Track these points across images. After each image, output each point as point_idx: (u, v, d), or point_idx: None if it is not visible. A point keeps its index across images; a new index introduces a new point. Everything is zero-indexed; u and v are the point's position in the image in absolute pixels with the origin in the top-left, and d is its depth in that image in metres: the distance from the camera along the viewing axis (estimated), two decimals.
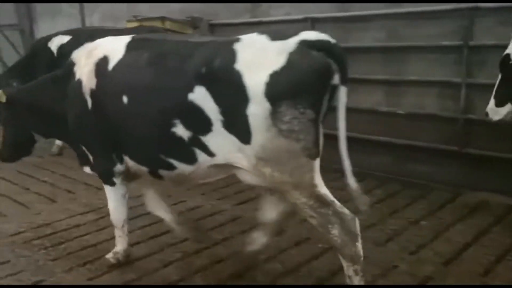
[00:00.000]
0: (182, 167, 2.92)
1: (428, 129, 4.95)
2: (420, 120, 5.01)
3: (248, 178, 2.80)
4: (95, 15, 9.59)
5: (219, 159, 2.76)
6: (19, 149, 3.87)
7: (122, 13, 8.94)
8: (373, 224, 4.15)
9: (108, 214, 4.46)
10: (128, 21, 7.13)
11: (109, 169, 3.32)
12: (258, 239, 3.32)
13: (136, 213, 4.55)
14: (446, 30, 4.69)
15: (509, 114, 3.58)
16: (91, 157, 3.40)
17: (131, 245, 3.71)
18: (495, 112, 3.61)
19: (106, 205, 4.67)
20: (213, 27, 6.78)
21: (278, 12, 6.06)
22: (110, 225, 4.25)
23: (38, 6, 10.91)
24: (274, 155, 2.55)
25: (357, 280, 2.69)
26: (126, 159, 3.22)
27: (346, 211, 2.67)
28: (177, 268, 3.52)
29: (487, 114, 3.67)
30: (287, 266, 3.50)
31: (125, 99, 2.93)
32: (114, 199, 3.50)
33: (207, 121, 2.64)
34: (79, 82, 3.21)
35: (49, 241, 4.04)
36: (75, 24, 9.90)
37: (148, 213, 4.51)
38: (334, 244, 2.68)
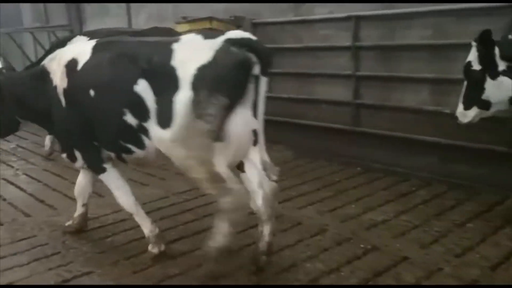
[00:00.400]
0: (137, 151, 3.35)
1: (475, 129, 4.79)
2: None
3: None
4: (141, 16, 9.81)
5: (155, 141, 3.19)
6: (6, 128, 4.23)
7: (167, 13, 9.12)
8: (417, 225, 4.08)
9: (152, 210, 4.63)
10: (177, 22, 7.26)
11: (97, 158, 3.66)
12: (263, 233, 3.46)
13: (179, 209, 4.65)
14: (494, 27, 4.53)
15: (476, 117, 3.91)
16: (79, 153, 3.75)
17: (170, 242, 3.78)
18: (463, 115, 3.95)
19: (151, 201, 4.87)
20: (256, 26, 6.82)
21: (322, 11, 6.03)
22: (155, 220, 4.34)
23: (88, 8, 11.27)
24: (186, 135, 2.98)
25: (222, 239, 3.09)
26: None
27: (239, 187, 3.10)
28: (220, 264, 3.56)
29: (457, 117, 4.00)
30: (329, 266, 3.48)
31: (92, 93, 3.35)
32: (114, 186, 3.78)
33: (147, 109, 3.09)
34: (54, 84, 3.63)
35: (97, 234, 4.18)
36: (122, 24, 10.18)
37: (191, 209, 4.63)
38: (222, 208, 3.06)
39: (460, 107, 3.97)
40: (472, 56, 3.81)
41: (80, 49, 3.59)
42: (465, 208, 4.39)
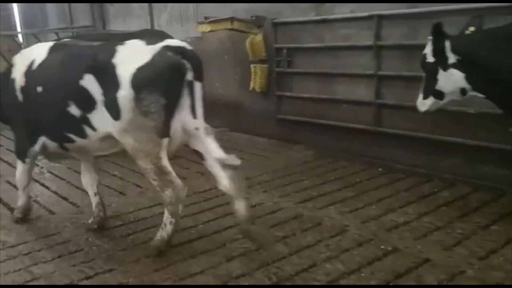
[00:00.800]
0: (79, 140, 3.73)
1: (499, 130, 4.71)
2: (492, 120, 4.77)
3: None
4: (163, 16, 9.90)
5: (100, 132, 3.58)
6: None
7: (189, 13, 9.20)
8: (440, 227, 4.02)
9: None
10: (199, 23, 7.32)
11: (25, 150, 4.20)
12: (239, 209, 3.70)
13: (200, 208, 4.68)
14: None
15: (433, 106, 4.14)
16: (14, 139, 4.36)
17: (190, 240, 3.80)
18: (422, 104, 4.20)
19: None
20: (276, 26, 6.82)
21: (343, 10, 5.99)
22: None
23: (111, 8, 11.43)
24: (134, 129, 3.36)
25: (170, 228, 3.62)
26: (44, 138, 4.01)
27: (179, 181, 3.54)
28: (240, 263, 3.58)
29: (417, 106, 4.25)
30: (349, 267, 3.46)
31: (39, 89, 3.80)
32: (21, 170, 4.35)
33: (93, 100, 3.46)
34: (14, 81, 4.05)
35: (118, 232, 4.24)
36: (145, 25, 10.29)
37: (211, 208, 4.65)
38: (165, 201, 3.56)
39: (420, 97, 4.20)
40: (428, 49, 4.02)
41: (40, 49, 4.01)
42: (490, 209, 4.31)
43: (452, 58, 3.87)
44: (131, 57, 3.35)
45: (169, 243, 3.71)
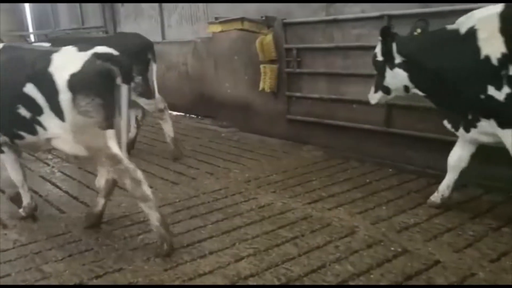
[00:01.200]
0: (29, 137, 4.00)
1: None
2: None
3: (65, 148, 3.93)
4: (174, 16, 9.95)
5: (50, 133, 3.85)
6: None
7: (199, 14, 9.22)
8: (451, 228, 3.99)
9: (182, 209, 4.71)
10: (210, 23, 7.34)
11: None
12: (99, 202, 4.36)
13: (209, 208, 4.69)
14: None
15: (382, 99, 4.67)
16: None
17: (200, 240, 3.81)
18: (372, 97, 4.73)
19: (181, 200, 4.94)
20: (286, 26, 6.81)
21: (353, 10, 5.97)
22: (185, 219, 4.45)
23: (122, 9, 11.50)
24: (79, 127, 3.70)
25: (154, 215, 3.77)
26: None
27: (131, 166, 3.73)
28: (249, 264, 3.58)
29: (369, 99, 4.78)
30: (358, 268, 3.45)
31: None
32: (9, 165, 4.53)
33: (39, 106, 3.74)
34: None
35: (128, 232, 4.25)
36: (155, 25, 10.34)
37: (220, 209, 4.66)
38: (128, 189, 3.78)
39: (372, 90, 4.70)
40: (378, 48, 4.47)
41: None
42: (501, 211, 4.27)
43: (398, 59, 4.30)
44: (64, 65, 3.69)
45: (168, 235, 3.81)
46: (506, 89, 3.59)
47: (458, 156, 4.30)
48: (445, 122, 4.27)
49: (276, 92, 7.18)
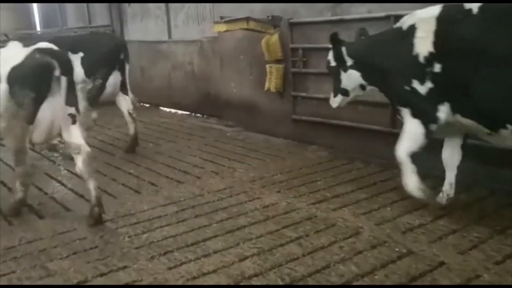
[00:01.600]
0: None
1: None
2: None
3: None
4: (180, 16, 9.97)
5: None
6: None
7: (206, 13, 9.23)
8: (456, 230, 3.97)
9: (187, 207, 4.71)
10: (215, 22, 7.34)
11: None
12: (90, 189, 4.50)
13: (214, 207, 4.70)
14: None
15: (342, 102, 4.91)
16: None
17: (204, 239, 3.80)
18: (333, 101, 4.97)
19: (186, 198, 4.95)
20: (292, 26, 6.80)
21: (360, 10, 5.95)
22: (190, 218, 4.45)
23: (129, 8, 11.54)
24: (9, 116, 4.10)
25: (20, 194, 4.52)
26: None
27: (29, 162, 4.33)
28: (253, 263, 3.58)
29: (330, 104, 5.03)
30: (363, 269, 3.44)
31: None
32: None
33: None
34: None
35: (133, 230, 4.27)
36: (162, 25, 10.37)
37: (225, 208, 4.66)
38: (16, 174, 4.39)
39: (332, 95, 4.96)
40: (330, 55, 4.78)
41: None
42: (506, 213, 4.24)
43: (349, 61, 4.63)
44: (7, 59, 4.18)
45: (20, 207, 4.58)
46: (428, 84, 3.94)
47: (449, 152, 4.44)
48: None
49: (282, 92, 7.18)
